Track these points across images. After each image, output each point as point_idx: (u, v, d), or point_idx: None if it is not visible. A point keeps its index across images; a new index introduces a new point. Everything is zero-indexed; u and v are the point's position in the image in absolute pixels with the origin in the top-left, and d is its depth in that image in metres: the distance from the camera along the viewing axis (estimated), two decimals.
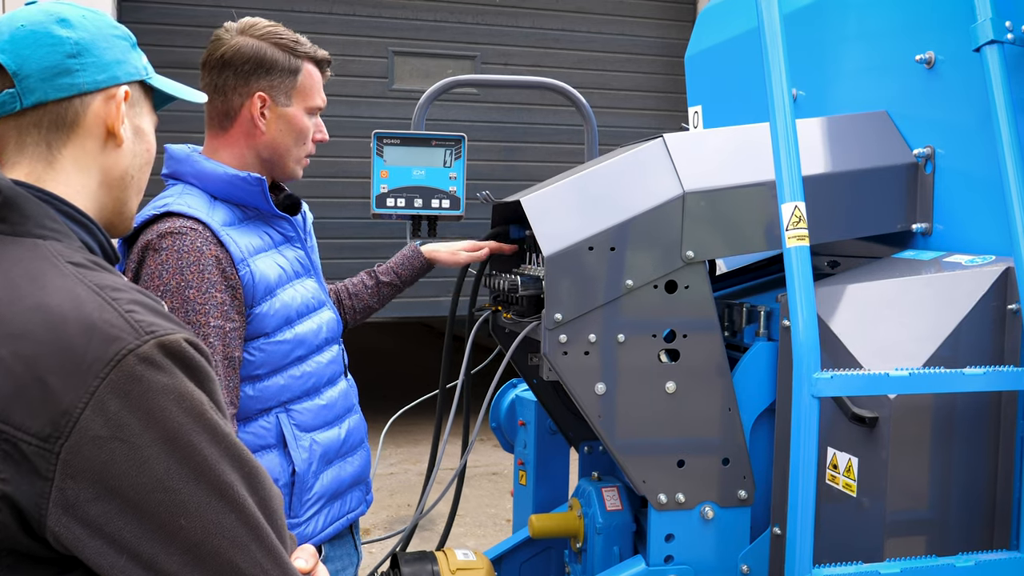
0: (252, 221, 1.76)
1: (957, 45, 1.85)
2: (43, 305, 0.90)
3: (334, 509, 1.85)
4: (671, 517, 1.92)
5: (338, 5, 6.87)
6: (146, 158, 1.17)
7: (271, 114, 1.76)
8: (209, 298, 1.61)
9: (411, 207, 2.44)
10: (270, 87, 1.75)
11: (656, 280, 1.87)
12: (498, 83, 4.35)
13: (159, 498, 0.87)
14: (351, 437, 1.90)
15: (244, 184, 1.73)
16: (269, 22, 1.78)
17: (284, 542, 0.98)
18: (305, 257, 1.87)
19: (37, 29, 1.06)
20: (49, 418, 0.85)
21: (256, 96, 1.74)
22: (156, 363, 0.89)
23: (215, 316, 1.61)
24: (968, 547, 1.62)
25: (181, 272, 1.59)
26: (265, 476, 0.98)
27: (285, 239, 1.82)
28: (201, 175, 1.73)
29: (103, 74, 1.08)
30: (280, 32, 1.77)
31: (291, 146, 1.81)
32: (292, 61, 1.76)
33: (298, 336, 1.76)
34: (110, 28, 1.12)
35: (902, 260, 1.95)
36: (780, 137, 1.60)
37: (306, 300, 1.81)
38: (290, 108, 1.78)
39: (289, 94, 1.77)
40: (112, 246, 1.11)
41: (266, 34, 1.75)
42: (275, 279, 1.74)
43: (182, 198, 1.68)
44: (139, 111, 1.15)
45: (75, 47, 1.07)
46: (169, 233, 1.61)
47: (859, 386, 1.53)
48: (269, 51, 1.74)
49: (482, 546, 3.13)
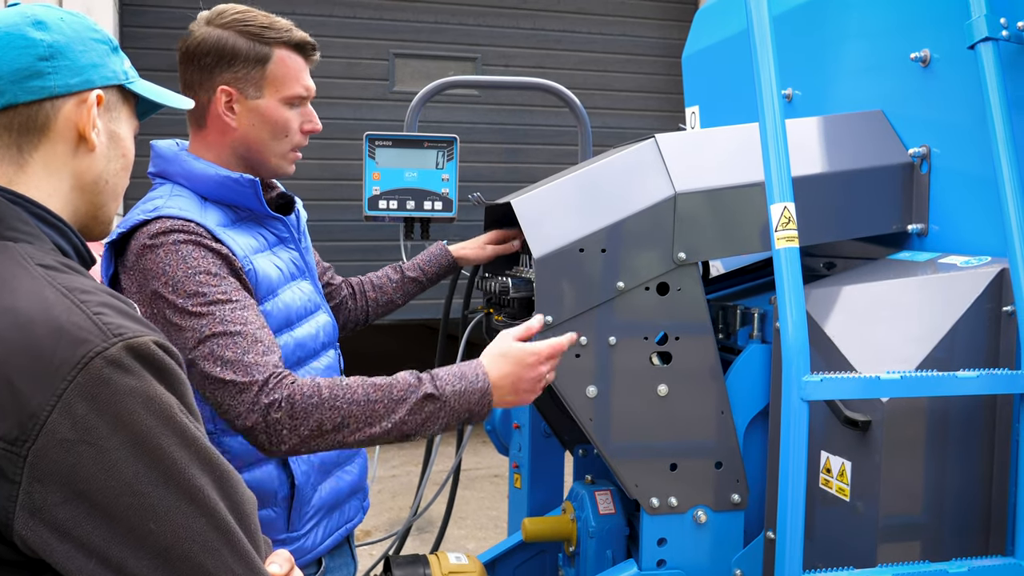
0: (245, 223, 1.68)
1: (952, 43, 1.83)
2: (11, 308, 0.89)
3: (333, 520, 1.79)
4: (664, 521, 1.90)
5: (339, 7, 6.87)
6: (122, 164, 1.15)
7: (240, 108, 1.65)
8: (221, 280, 1.51)
9: (403, 209, 2.43)
10: (235, 79, 1.63)
11: (648, 282, 1.85)
12: (491, 84, 4.34)
13: (127, 502, 0.86)
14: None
15: (236, 186, 1.64)
16: (240, 7, 1.66)
17: (258, 547, 0.97)
18: (300, 259, 1.79)
19: (11, 31, 1.05)
20: (16, 421, 0.84)
21: (220, 91, 1.63)
22: (124, 366, 0.88)
23: (234, 292, 1.51)
24: (962, 553, 1.60)
25: (185, 260, 1.50)
26: (237, 480, 0.97)
27: (279, 240, 1.75)
28: (190, 176, 1.64)
29: (76, 78, 1.07)
30: (248, 18, 1.64)
31: (267, 140, 1.68)
32: (258, 49, 1.63)
33: (297, 340, 1.69)
34: (88, 31, 1.11)
35: (897, 261, 1.93)
36: (769, 137, 1.58)
37: (304, 303, 1.74)
38: (261, 100, 1.65)
39: (259, 85, 1.65)
40: (87, 248, 1.10)
41: (232, 21, 1.63)
42: (276, 279, 1.67)
43: (172, 200, 1.59)
44: (116, 116, 1.13)
45: (48, 50, 1.05)
46: (161, 232, 1.51)
47: (849, 389, 1.51)
48: (231, 40, 1.62)
49: (482, 548, 3.12)
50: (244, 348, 1.46)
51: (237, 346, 1.46)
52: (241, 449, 1.61)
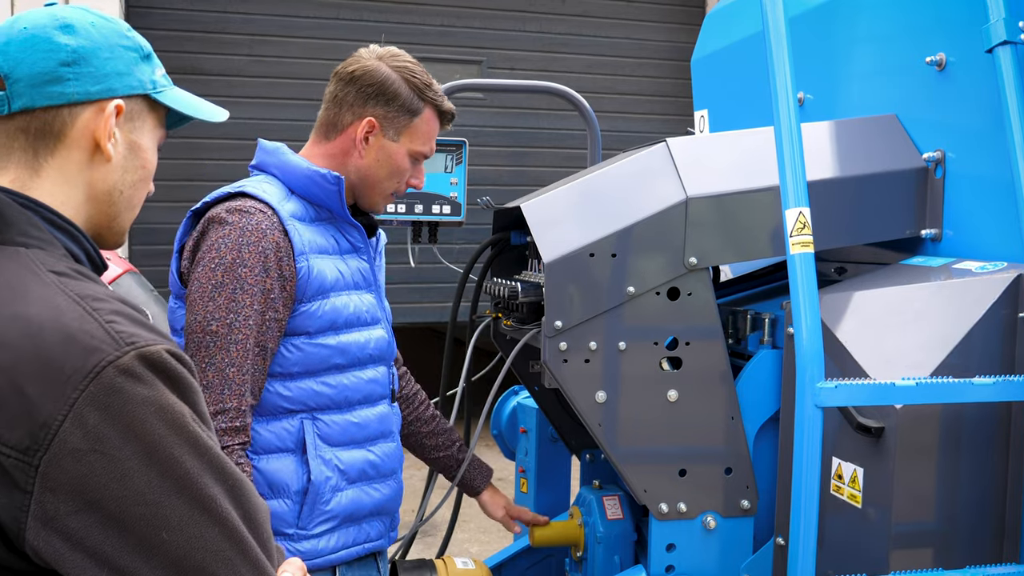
0: (324, 223, 1.77)
1: (969, 46, 1.82)
2: (22, 315, 0.88)
3: (351, 533, 1.79)
4: (672, 527, 1.89)
5: (344, 10, 6.86)
6: (141, 175, 1.12)
7: (375, 142, 1.77)
8: (259, 282, 1.62)
9: (411, 212, 2.42)
10: (384, 116, 1.76)
11: (658, 287, 1.84)
12: (499, 87, 4.31)
13: (140, 512, 0.86)
14: (383, 464, 1.83)
15: (322, 181, 1.73)
16: (411, 58, 1.81)
17: (270, 555, 0.96)
18: (369, 271, 1.85)
19: (37, 33, 1.03)
20: (28, 430, 0.83)
21: (367, 119, 1.75)
22: (136, 375, 0.87)
23: (259, 301, 1.63)
24: (975, 560, 1.59)
25: (239, 249, 1.62)
26: (250, 488, 0.96)
27: (352, 248, 1.81)
28: (283, 167, 1.76)
29: (97, 86, 1.04)
30: (416, 71, 1.78)
31: (382, 179, 1.80)
32: (416, 102, 1.77)
33: (341, 344, 1.74)
34: (118, 38, 1.08)
35: (910, 267, 1.92)
36: (784, 141, 1.57)
37: (359, 312, 1.78)
38: (395, 144, 1.78)
39: (400, 130, 1.78)
40: (99, 254, 1.08)
41: (402, 67, 1.77)
42: (331, 282, 1.73)
43: (260, 184, 1.72)
44: (138, 126, 1.10)
45: (72, 55, 1.03)
46: (237, 209, 1.64)
47: (864, 396, 1.49)
48: (398, 84, 1.76)
49: (486, 553, 3.11)
50: (234, 358, 1.62)
51: (233, 351, 1.62)
52: (262, 438, 1.68)
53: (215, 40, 6.53)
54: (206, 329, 1.61)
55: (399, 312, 6.83)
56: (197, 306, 1.62)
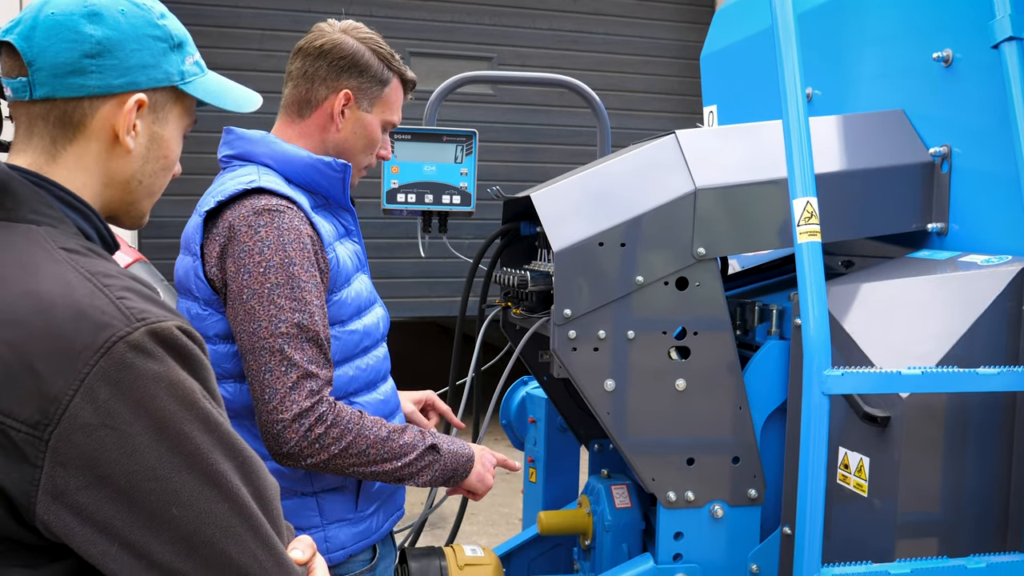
0: (322, 210, 1.75)
1: (975, 42, 1.83)
2: (33, 291, 0.88)
3: (388, 508, 1.83)
4: (680, 515, 1.91)
5: (355, 6, 6.88)
6: (162, 164, 1.11)
7: (350, 114, 1.76)
8: (311, 277, 1.59)
9: (422, 203, 2.44)
10: (358, 88, 1.76)
11: (667, 277, 1.86)
12: (510, 80, 4.34)
13: (150, 487, 0.86)
14: None
15: (327, 169, 1.71)
16: (370, 30, 1.81)
17: (280, 532, 0.97)
18: (362, 252, 1.87)
19: (64, 20, 1.00)
20: (38, 405, 0.84)
21: (343, 92, 1.74)
22: (147, 350, 0.87)
23: (316, 295, 1.60)
24: (980, 549, 1.60)
25: (284, 248, 1.57)
26: (260, 465, 0.97)
27: (347, 232, 1.82)
28: (278, 157, 1.70)
29: (120, 79, 1.03)
30: (380, 42, 1.80)
31: (359, 152, 1.80)
32: (385, 72, 1.78)
33: (366, 327, 1.76)
34: (148, 27, 1.06)
35: (916, 260, 1.93)
36: (792, 131, 1.59)
37: (368, 294, 1.81)
38: (369, 115, 1.78)
39: (373, 101, 1.78)
40: (110, 233, 1.08)
41: (367, 39, 1.79)
42: (351, 267, 1.75)
43: (267, 177, 1.65)
44: (161, 117, 1.09)
45: (96, 47, 1.01)
46: (266, 210, 1.58)
47: (871, 384, 1.51)
48: (366, 55, 1.76)
49: (494, 544, 3.13)
50: (313, 355, 1.58)
51: (308, 349, 1.58)
52: None
53: (227, 35, 6.56)
54: (275, 333, 1.55)
55: (407, 307, 6.89)
56: (258, 314, 1.55)
